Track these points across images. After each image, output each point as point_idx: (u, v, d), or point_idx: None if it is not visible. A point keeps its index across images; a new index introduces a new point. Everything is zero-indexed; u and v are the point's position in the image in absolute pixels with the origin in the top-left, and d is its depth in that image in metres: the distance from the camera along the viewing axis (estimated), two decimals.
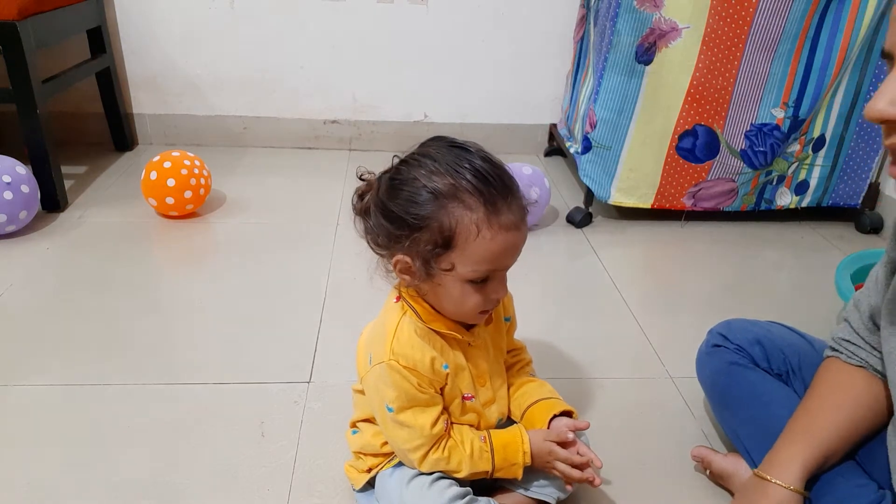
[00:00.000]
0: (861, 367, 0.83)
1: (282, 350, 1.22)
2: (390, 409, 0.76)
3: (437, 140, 0.74)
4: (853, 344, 0.85)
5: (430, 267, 0.71)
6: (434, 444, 0.77)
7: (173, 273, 1.54)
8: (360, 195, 0.77)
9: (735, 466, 0.92)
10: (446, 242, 0.69)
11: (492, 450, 0.79)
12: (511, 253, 0.73)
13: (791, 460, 0.78)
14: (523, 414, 0.88)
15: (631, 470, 0.98)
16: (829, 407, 0.81)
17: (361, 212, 0.76)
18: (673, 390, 1.17)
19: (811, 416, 0.81)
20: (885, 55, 0.58)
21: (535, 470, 0.84)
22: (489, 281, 0.73)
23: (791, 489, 0.76)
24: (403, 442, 0.77)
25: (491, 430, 0.82)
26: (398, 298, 0.80)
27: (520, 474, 0.81)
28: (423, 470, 0.78)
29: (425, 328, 0.77)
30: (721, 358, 0.97)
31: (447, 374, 0.78)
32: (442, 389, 0.79)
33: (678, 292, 1.54)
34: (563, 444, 0.81)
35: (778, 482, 0.77)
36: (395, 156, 0.74)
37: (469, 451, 0.78)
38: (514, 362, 0.94)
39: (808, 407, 0.83)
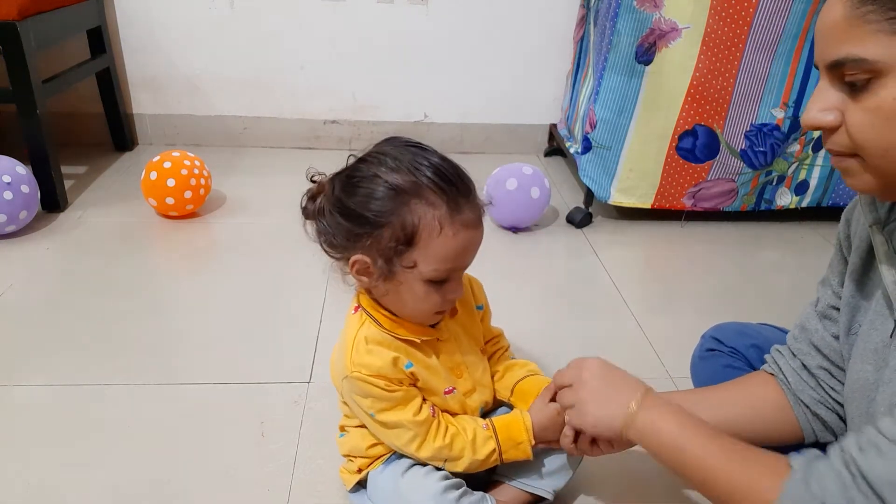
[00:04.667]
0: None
1: (282, 350, 1.22)
2: (372, 415, 0.77)
3: (393, 140, 0.75)
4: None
5: (393, 264, 0.71)
6: (428, 430, 0.77)
7: (173, 273, 1.54)
8: (312, 197, 0.77)
9: None
10: (409, 239, 0.70)
11: (494, 430, 0.80)
12: (470, 251, 0.74)
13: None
14: (513, 390, 0.88)
15: (631, 469, 0.98)
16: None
17: (314, 214, 0.76)
18: (673, 390, 1.16)
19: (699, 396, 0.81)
20: (816, 66, 0.59)
21: (534, 465, 0.84)
22: (447, 281, 0.74)
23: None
24: (395, 439, 0.78)
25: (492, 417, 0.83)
26: (356, 309, 0.80)
27: (529, 453, 0.81)
28: (423, 457, 0.78)
29: (386, 335, 0.77)
30: (717, 362, 0.96)
31: (412, 372, 0.78)
32: (415, 384, 0.79)
33: (678, 292, 1.54)
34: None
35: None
36: (350, 154, 0.75)
37: (472, 436, 0.79)
38: (494, 351, 0.94)
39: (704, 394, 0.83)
